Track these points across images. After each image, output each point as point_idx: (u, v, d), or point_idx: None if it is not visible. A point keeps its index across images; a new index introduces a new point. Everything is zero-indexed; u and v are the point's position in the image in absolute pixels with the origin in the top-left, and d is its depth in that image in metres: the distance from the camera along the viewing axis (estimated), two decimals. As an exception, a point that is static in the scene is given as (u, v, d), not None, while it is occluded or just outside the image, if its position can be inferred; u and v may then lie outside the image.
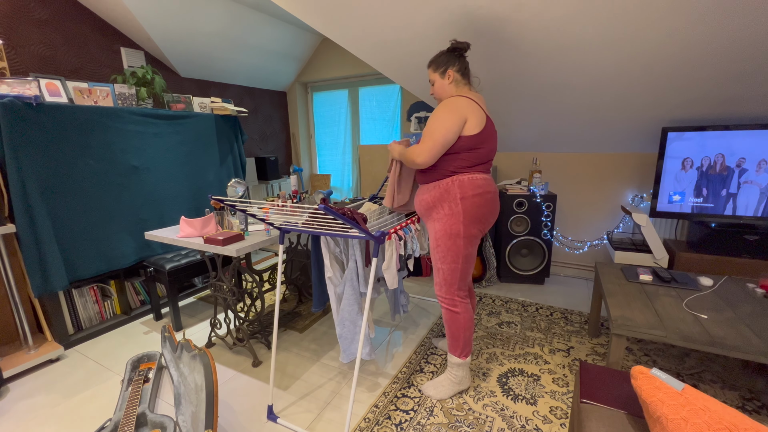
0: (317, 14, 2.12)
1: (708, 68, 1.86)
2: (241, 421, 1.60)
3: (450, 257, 1.56)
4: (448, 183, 1.52)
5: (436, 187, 1.55)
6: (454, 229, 1.52)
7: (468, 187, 1.50)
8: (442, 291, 1.63)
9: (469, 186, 1.50)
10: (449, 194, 1.51)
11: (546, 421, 1.55)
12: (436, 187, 1.55)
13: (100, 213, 2.27)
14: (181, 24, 2.84)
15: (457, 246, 1.54)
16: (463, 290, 1.62)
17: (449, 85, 1.57)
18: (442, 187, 1.53)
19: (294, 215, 1.66)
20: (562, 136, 2.80)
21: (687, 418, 0.79)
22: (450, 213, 1.52)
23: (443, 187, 1.53)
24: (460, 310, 1.61)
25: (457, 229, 1.52)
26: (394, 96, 3.99)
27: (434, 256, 1.61)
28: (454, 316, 1.62)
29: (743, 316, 1.47)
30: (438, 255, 1.59)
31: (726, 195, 2.23)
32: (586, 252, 3.06)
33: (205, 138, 2.88)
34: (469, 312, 1.64)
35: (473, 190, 1.50)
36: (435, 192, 1.55)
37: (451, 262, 1.56)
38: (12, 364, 1.92)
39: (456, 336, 1.64)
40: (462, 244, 1.54)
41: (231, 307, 2.03)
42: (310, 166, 4.88)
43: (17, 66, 2.30)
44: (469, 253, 1.57)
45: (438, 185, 1.54)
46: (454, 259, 1.56)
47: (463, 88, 1.57)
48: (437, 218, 1.56)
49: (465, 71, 1.58)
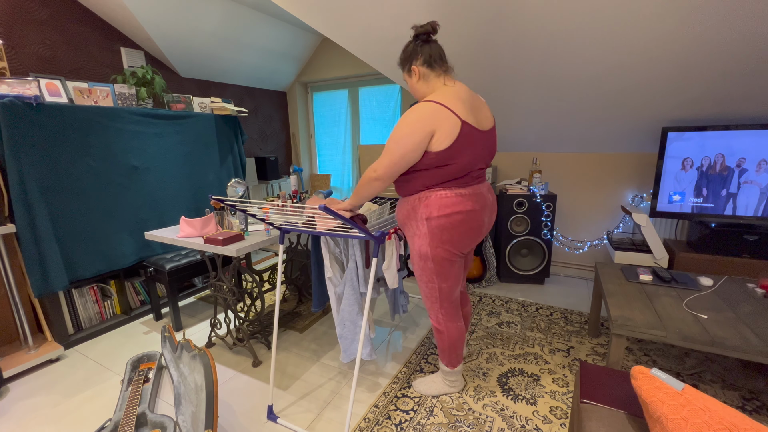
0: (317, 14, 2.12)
1: (708, 68, 1.87)
2: (241, 421, 1.60)
3: (426, 277, 1.46)
4: (415, 201, 1.38)
5: (405, 204, 1.43)
6: (422, 251, 1.40)
7: (434, 206, 1.33)
8: (427, 307, 1.56)
9: (436, 205, 1.33)
10: (415, 213, 1.38)
11: (546, 421, 1.55)
12: (405, 203, 1.43)
13: (100, 213, 2.27)
14: (181, 24, 2.84)
15: (428, 268, 1.42)
16: (447, 308, 1.52)
17: (418, 83, 1.37)
18: (410, 204, 1.40)
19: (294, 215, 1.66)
20: (562, 136, 2.80)
21: (687, 418, 0.79)
22: (417, 233, 1.40)
23: (410, 205, 1.40)
24: (444, 328, 1.55)
25: (425, 251, 1.39)
26: (394, 96, 3.99)
27: (415, 273, 1.52)
28: (439, 333, 1.58)
29: (743, 316, 1.47)
30: (416, 273, 1.50)
31: (726, 195, 2.23)
32: (586, 252, 3.06)
33: (205, 138, 2.88)
34: (457, 330, 1.56)
35: (440, 210, 1.33)
36: (404, 208, 1.44)
37: (427, 282, 1.47)
38: (12, 364, 1.92)
39: (443, 349, 1.62)
40: (432, 267, 1.41)
41: (231, 307, 2.03)
42: (310, 166, 4.88)
43: (17, 66, 2.30)
44: (445, 272, 1.43)
45: (407, 202, 1.42)
46: (429, 279, 1.45)
47: (435, 81, 1.35)
48: (409, 235, 1.46)
49: (433, 60, 1.33)
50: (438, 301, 1.50)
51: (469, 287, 2.93)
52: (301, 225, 1.57)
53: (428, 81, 1.36)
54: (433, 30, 1.33)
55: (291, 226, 1.58)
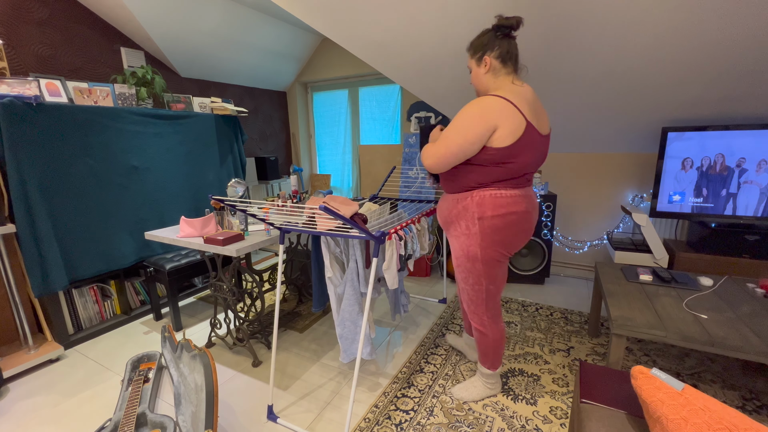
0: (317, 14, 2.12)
1: (708, 68, 1.86)
2: (241, 421, 1.60)
3: (472, 279, 1.43)
4: (467, 199, 1.33)
5: (455, 201, 1.38)
6: (471, 252, 1.36)
7: (489, 205, 1.29)
8: (470, 310, 1.53)
9: (490, 205, 1.29)
10: (467, 212, 1.33)
11: (546, 421, 1.55)
12: (455, 200, 1.38)
13: (100, 213, 2.27)
14: (181, 24, 2.84)
15: (477, 269, 1.39)
16: (492, 309, 1.50)
17: (485, 75, 1.31)
18: (461, 202, 1.35)
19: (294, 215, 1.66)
20: (563, 136, 2.80)
21: (687, 418, 0.79)
22: (467, 233, 1.35)
23: (462, 203, 1.35)
24: (488, 331, 1.53)
25: (474, 252, 1.36)
26: (394, 96, 3.99)
27: (456, 275, 1.50)
28: (483, 336, 1.55)
29: (743, 316, 1.47)
30: (460, 275, 1.47)
31: (726, 195, 2.23)
32: (586, 252, 3.06)
33: (205, 138, 2.88)
34: (500, 331, 1.55)
35: (494, 210, 1.29)
36: (453, 206, 1.39)
37: (474, 284, 1.44)
38: (12, 364, 1.92)
39: (485, 352, 1.60)
40: (482, 268, 1.38)
41: (231, 307, 2.03)
42: (310, 166, 4.88)
43: (17, 66, 2.30)
44: (494, 274, 1.40)
45: (457, 199, 1.37)
46: (476, 282, 1.42)
47: (504, 78, 1.30)
48: (455, 235, 1.42)
49: (508, 57, 1.28)
50: (484, 303, 1.47)
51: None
52: (301, 225, 1.57)
53: (497, 76, 1.31)
54: (516, 25, 1.27)
55: (291, 226, 1.58)
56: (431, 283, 3.07)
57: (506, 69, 1.30)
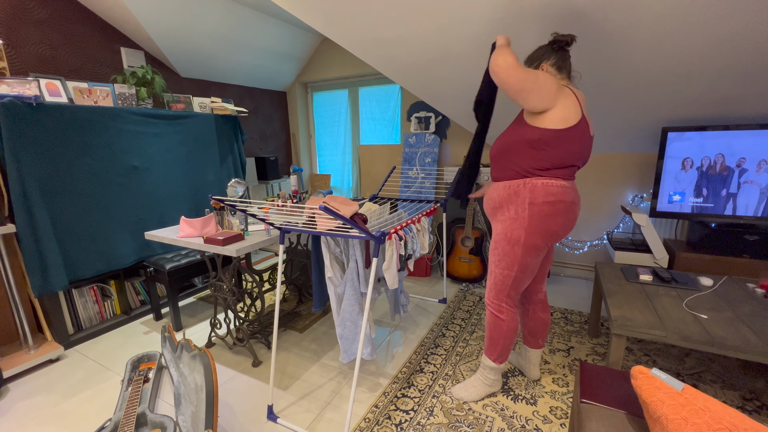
0: (317, 14, 2.12)
1: (708, 68, 1.86)
2: (241, 421, 1.60)
3: (505, 263, 1.48)
4: (519, 185, 1.40)
5: (507, 188, 1.44)
6: (514, 235, 1.42)
7: (540, 192, 1.36)
8: (491, 295, 1.56)
9: (542, 192, 1.36)
10: (518, 197, 1.40)
11: (546, 421, 1.55)
12: (506, 187, 1.45)
13: (100, 213, 2.27)
14: (181, 24, 2.84)
15: (515, 253, 1.44)
16: (513, 299, 1.55)
17: None
18: (512, 188, 1.42)
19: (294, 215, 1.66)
20: (562, 136, 2.79)
21: (687, 418, 0.79)
22: (514, 217, 1.42)
23: (513, 189, 1.42)
24: (506, 318, 1.55)
25: (518, 236, 1.42)
26: (394, 96, 3.99)
27: (490, 258, 1.55)
28: (498, 322, 1.56)
29: (743, 316, 1.47)
30: (494, 258, 1.52)
31: (726, 195, 2.23)
32: (586, 252, 3.06)
33: (205, 138, 2.88)
34: (515, 321, 1.57)
35: (545, 197, 1.36)
36: (504, 192, 1.45)
37: (504, 268, 1.48)
38: (12, 364, 1.92)
39: (495, 341, 1.59)
40: (520, 253, 1.44)
41: (231, 307, 2.03)
42: (310, 166, 4.88)
43: (17, 66, 2.30)
44: (528, 263, 1.46)
45: (509, 186, 1.44)
46: (508, 266, 1.47)
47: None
48: (501, 219, 1.47)
49: (562, 66, 1.41)
50: (507, 289, 1.52)
51: (469, 287, 2.93)
52: (301, 225, 1.57)
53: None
54: (571, 42, 1.41)
55: (291, 226, 1.58)
56: (431, 283, 3.07)
57: (561, 76, 1.42)
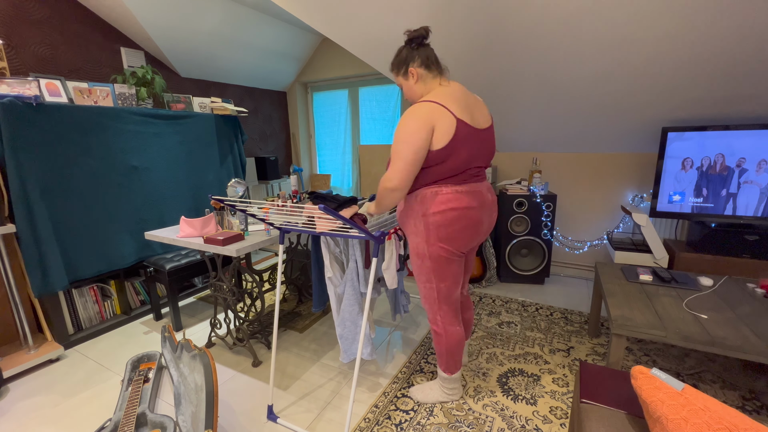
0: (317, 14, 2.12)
1: (708, 68, 1.87)
2: (241, 421, 1.60)
3: (423, 277, 1.46)
4: (412, 199, 1.40)
5: (404, 202, 1.46)
6: (419, 248, 1.41)
7: (430, 202, 1.35)
8: (426, 308, 1.54)
9: (432, 201, 1.34)
10: (413, 210, 1.40)
11: (546, 421, 1.55)
12: (405, 201, 1.45)
13: (100, 213, 2.27)
14: (181, 24, 2.84)
15: (426, 266, 1.42)
16: (445, 310, 1.49)
17: (416, 85, 1.39)
18: (408, 202, 1.43)
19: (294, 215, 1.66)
20: (562, 136, 2.80)
21: (687, 418, 0.79)
22: (415, 231, 1.41)
23: (409, 203, 1.42)
24: (442, 331, 1.51)
25: (422, 249, 1.41)
26: (394, 96, 3.99)
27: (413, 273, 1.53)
28: (438, 336, 1.54)
29: (743, 316, 1.47)
30: (414, 272, 1.50)
31: (726, 195, 2.23)
32: (586, 252, 3.06)
33: (205, 138, 2.88)
34: (456, 334, 1.52)
35: (436, 206, 1.34)
36: (402, 206, 1.46)
37: (425, 282, 1.47)
38: (12, 364, 1.92)
39: (441, 353, 1.57)
40: (430, 265, 1.41)
41: (231, 307, 2.03)
42: (310, 166, 4.88)
43: (17, 66, 2.30)
44: (442, 272, 1.42)
45: (405, 200, 1.45)
46: (427, 279, 1.45)
47: (432, 81, 1.38)
48: (408, 234, 1.47)
49: (429, 62, 1.37)
50: (436, 303, 1.48)
51: (470, 288, 2.93)
52: (301, 225, 1.57)
53: (425, 82, 1.38)
54: (426, 34, 1.37)
55: (291, 226, 1.58)
56: (431, 283, 3.07)
57: (432, 73, 1.38)
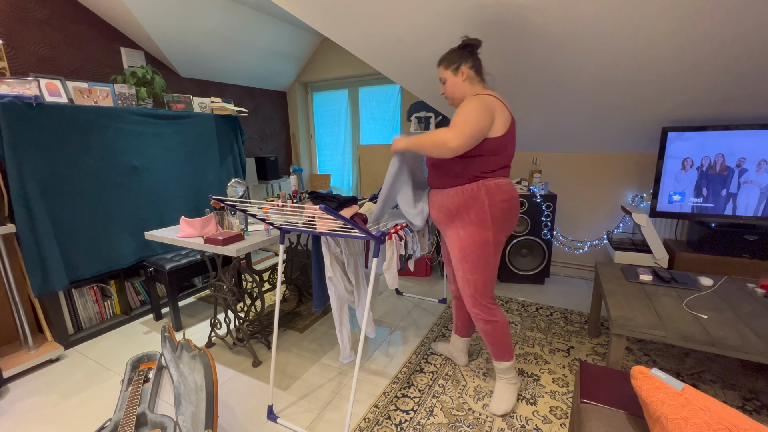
0: (317, 14, 2.12)
1: (708, 68, 1.86)
2: (241, 421, 1.60)
3: (481, 266, 1.49)
4: (474, 189, 1.44)
5: (460, 193, 1.47)
6: (482, 237, 1.46)
7: (496, 193, 1.43)
8: (476, 302, 1.55)
9: (497, 192, 1.43)
10: (476, 201, 1.44)
11: (546, 421, 1.55)
12: (459, 192, 1.47)
13: (100, 213, 2.27)
14: (181, 24, 2.84)
15: (488, 254, 1.49)
16: (493, 296, 1.58)
17: (463, 83, 1.49)
18: (468, 193, 1.45)
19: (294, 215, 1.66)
20: (562, 136, 2.80)
21: (687, 418, 0.79)
22: (477, 220, 1.45)
23: (468, 194, 1.45)
24: (498, 317, 1.56)
25: (486, 237, 1.46)
26: (394, 96, 3.99)
27: (462, 267, 1.52)
28: (493, 325, 1.56)
29: (743, 316, 1.47)
30: (467, 266, 1.51)
31: (726, 195, 2.23)
32: (586, 252, 3.06)
33: (205, 138, 2.88)
34: (504, 317, 1.59)
35: (501, 195, 1.44)
36: (458, 198, 1.47)
37: (482, 272, 1.50)
38: (12, 364, 1.92)
39: (500, 340, 1.58)
40: (492, 251, 1.49)
41: (231, 307, 2.03)
42: (310, 166, 4.88)
43: (17, 66, 2.30)
44: (496, 259, 1.53)
45: (462, 191, 1.46)
46: (484, 268, 1.50)
47: (477, 86, 1.50)
48: (461, 226, 1.49)
49: (478, 68, 1.51)
50: (488, 291, 1.55)
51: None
52: (301, 225, 1.57)
53: (473, 84, 1.50)
54: (479, 45, 1.50)
55: (291, 226, 1.58)
56: (431, 283, 3.07)
57: (478, 78, 1.51)
